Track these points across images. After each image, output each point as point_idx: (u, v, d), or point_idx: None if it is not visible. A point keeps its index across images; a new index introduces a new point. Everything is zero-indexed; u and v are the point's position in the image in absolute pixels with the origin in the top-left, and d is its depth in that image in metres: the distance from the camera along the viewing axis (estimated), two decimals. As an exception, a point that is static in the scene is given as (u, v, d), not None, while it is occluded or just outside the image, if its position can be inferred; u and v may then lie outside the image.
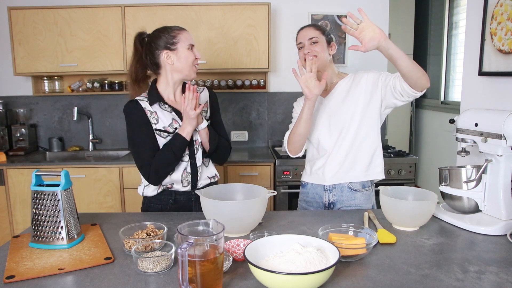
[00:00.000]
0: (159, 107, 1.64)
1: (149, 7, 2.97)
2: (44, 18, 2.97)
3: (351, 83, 1.70)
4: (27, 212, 2.87)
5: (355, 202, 1.69)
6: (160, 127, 1.62)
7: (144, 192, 1.69)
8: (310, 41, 1.68)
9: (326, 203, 1.72)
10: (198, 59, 1.65)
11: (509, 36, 1.65)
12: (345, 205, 1.69)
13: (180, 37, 1.61)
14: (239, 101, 3.40)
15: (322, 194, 1.72)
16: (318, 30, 1.70)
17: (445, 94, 4.09)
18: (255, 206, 1.30)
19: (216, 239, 0.95)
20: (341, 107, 1.68)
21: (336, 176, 1.69)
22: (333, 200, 1.70)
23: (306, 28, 1.73)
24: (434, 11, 4.25)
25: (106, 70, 3.04)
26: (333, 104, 1.71)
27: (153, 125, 1.62)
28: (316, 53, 1.66)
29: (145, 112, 1.62)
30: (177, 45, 1.60)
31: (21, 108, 3.31)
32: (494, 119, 1.35)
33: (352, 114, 1.66)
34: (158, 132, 1.62)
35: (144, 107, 1.62)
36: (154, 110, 1.63)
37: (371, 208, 1.71)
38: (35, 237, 1.24)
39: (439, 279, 1.02)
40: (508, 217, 1.35)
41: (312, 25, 1.74)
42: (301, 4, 3.31)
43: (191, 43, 1.63)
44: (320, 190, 1.73)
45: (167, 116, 1.64)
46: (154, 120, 1.63)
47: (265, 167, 2.88)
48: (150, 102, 1.63)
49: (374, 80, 1.65)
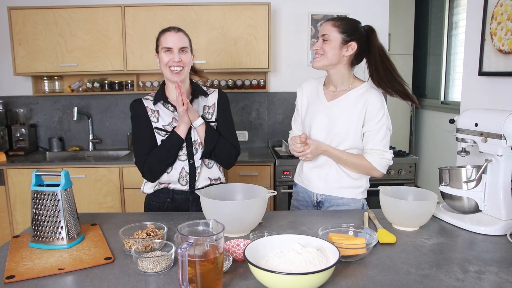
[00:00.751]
0: (162, 106, 1.69)
1: (149, 7, 2.97)
2: (44, 18, 2.97)
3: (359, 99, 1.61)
4: (27, 212, 2.87)
5: (343, 201, 1.68)
6: (160, 125, 1.66)
7: (144, 189, 1.74)
8: (322, 38, 1.60)
9: (314, 202, 1.72)
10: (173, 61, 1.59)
11: (509, 36, 1.65)
12: (333, 203, 1.69)
13: (161, 40, 1.63)
14: (239, 101, 3.40)
15: (311, 193, 1.73)
16: (334, 27, 1.59)
17: (445, 94, 4.09)
18: (255, 206, 1.30)
19: (216, 239, 0.95)
20: (342, 118, 1.62)
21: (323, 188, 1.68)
22: (321, 199, 1.70)
23: (327, 21, 1.62)
24: (434, 11, 4.25)
25: (106, 70, 3.04)
26: (335, 112, 1.63)
27: (154, 123, 1.66)
28: (322, 52, 1.59)
29: (146, 111, 1.67)
30: (159, 48, 1.63)
31: (21, 108, 3.31)
32: (494, 119, 1.35)
33: (347, 129, 1.61)
34: (157, 131, 1.66)
35: (146, 106, 1.68)
36: (157, 109, 1.68)
37: (361, 206, 1.71)
38: (35, 237, 1.24)
39: (439, 279, 1.02)
40: (508, 217, 1.35)
41: (333, 20, 1.62)
42: (301, 4, 3.31)
43: (168, 46, 1.59)
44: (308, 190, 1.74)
45: (168, 115, 1.68)
46: (155, 118, 1.67)
47: (265, 167, 2.88)
48: (154, 101, 1.68)
49: (370, 117, 1.59)
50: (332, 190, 1.67)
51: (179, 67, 1.60)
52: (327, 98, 1.68)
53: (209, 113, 1.73)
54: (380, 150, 1.59)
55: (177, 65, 1.60)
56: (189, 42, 1.66)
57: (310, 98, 1.74)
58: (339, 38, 1.58)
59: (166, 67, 1.61)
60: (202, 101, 1.74)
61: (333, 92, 1.68)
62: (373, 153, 1.60)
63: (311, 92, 1.75)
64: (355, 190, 1.68)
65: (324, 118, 1.65)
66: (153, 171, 1.64)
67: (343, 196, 1.67)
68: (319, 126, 1.66)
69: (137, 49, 3.01)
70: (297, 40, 3.36)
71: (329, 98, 1.68)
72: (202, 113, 1.72)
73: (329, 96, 1.68)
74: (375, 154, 1.59)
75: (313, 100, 1.72)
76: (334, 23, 1.60)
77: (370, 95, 1.59)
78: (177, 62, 1.60)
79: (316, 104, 1.70)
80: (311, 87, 1.76)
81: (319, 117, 1.67)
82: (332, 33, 1.58)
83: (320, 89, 1.72)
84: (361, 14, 3.18)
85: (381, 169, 1.60)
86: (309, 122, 1.69)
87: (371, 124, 1.59)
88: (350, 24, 1.60)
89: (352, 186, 1.67)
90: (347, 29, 1.58)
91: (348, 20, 1.62)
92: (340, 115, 1.62)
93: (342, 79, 1.65)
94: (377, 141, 1.60)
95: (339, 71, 1.63)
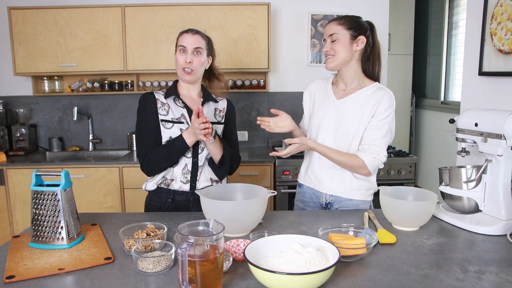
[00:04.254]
0: (173, 101, 1.71)
1: (149, 7, 2.97)
2: (44, 18, 2.97)
3: (371, 97, 1.61)
4: (27, 212, 2.87)
5: (353, 203, 1.68)
6: (169, 118, 1.68)
7: (146, 186, 1.74)
8: (330, 38, 1.61)
9: (323, 204, 1.71)
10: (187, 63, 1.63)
11: (509, 36, 1.65)
12: (343, 205, 1.68)
13: (178, 40, 1.67)
14: (239, 101, 3.40)
15: (319, 194, 1.71)
16: (340, 25, 1.60)
17: (445, 94, 4.09)
18: (255, 206, 1.30)
19: (216, 239, 0.95)
20: (351, 117, 1.61)
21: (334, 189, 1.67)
22: (331, 201, 1.69)
23: (330, 22, 1.63)
24: (434, 11, 4.25)
25: (106, 70, 3.04)
26: (345, 111, 1.63)
27: (162, 116, 1.68)
28: (333, 52, 1.60)
29: (156, 103, 1.69)
30: (176, 48, 1.67)
31: (21, 108, 3.31)
32: (494, 119, 1.35)
33: (357, 128, 1.60)
34: (164, 123, 1.67)
35: (157, 98, 1.71)
36: (167, 102, 1.70)
37: (369, 207, 1.71)
38: (35, 237, 1.24)
39: (439, 279, 1.02)
40: (508, 217, 1.35)
41: (336, 19, 1.63)
42: (301, 4, 3.31)
43: (181, 44, 1.64)
44: (317, 190, 1.72)
45: (178, 110, 1.70)
46: (164, 111, 1.68)
47: (265, 167, 2.88)
48: (166, 95, 1.70)
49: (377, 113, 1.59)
50: (343, 191, 1.66)
51: (189, 68, 1.64)
52: (336, 96, 1.68)
53: (220, 116, 1.78)
54: (377, 147, 1.58)
55: (188, 66, 1.63)
56: (206, 43, 1.69)
57: (318, 98, 1.73)
58: (347, 34, 1.60)
59: (179, 66, 1.65)
60: (213, 105, 1.77)
61: (343, 91, 1.68)
62: (369, 150, 1.57)
63: (320, 91, 1.74)
64: (365, 192, 1.68)
65: (333, 116, 1.65)
66: (151, 166, 1.66)
67: (354, 198, 1.67)
68: (328, 125, 1.65)
69: (137, 49, 3.01)
70: (297, 40, 3.36)
71: (339, 97, 1.67)
72: (213, 114, 1.75)
73: (338, 94, 1.68)
74: (370, 152, 1.57)
75: (322, 99, 1.72)
76: (339, 21, 1.61)
77: (383, 94, 1.60)
78: (188, 62, 1.63)
79: (325, 103, 1.69)
80: (319, 86, 1.76)
81: (328, 115, 1.66)
82: (340, 31, 1.59)
83: (328, 88, 1.72)
84: (361, 14, 3.14)
85: (371, 169, 1.58)
86: (317, 121, 1.68)
87: (375, 119, 1.59)
88: (354, 20, 1.62)
89: (363, 188, 1.67)
90: (352, 25, 1.60)
91: (350, 16, 1.64)
92: (350, 114, 1.62)
93: (353, 76, 1.65)
94: (377, 138, 1.58)
95: (351, 67, 1.64)
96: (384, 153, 1.59)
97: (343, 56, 1.60)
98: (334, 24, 1.61)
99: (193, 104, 1.72)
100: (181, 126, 1.66)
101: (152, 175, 1.71)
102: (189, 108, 1.70)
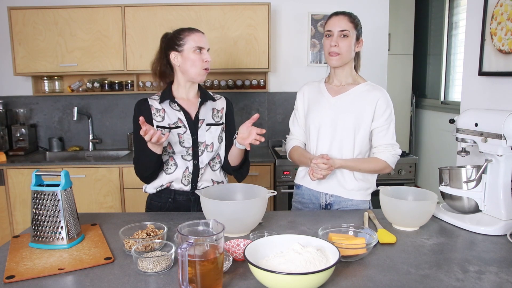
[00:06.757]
0: (168, 105, 1.68)
1: (149, 7, 2.97)
2: (44, 18, 2.97)
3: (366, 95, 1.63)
4: (27, 212, 2.87)
5: (353, 203, 1.68)
6: (165, 124, 1.65)
7: (146, 189, 1.73)
8: (340, 33, 1.57)
9: (323, 204, 1.71)
10: (207, 62, 1.63)
11: (509, 36, 1.65)
12: (343, 206, 1.68)
13: (188, 39, 1.61)
14: (239, 101, 3.40)
15: (319, 195, 1.71)
16: (352, 23, 1.58)
17: (445, 94, 4.09)
18: (255, 206, 1.30)
19: (216, 239, 0.95)
20: (349, 111, 1.62)
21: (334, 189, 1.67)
22: (331, 201, 1.69)
23: (340, 16, 1.58)
24: (434, 11, 4.25)
25: (106, 70, 3.04)
26: (342, 106, 1.64)
27: (157, 123, 1.65)
28: (340, 51, 1.58)
29: (150, 110, 1.66)
30: (184, 47, 1.61)
31: (21, 108, 3.31)
32: (494, 119, 1.35)
33: (355, 121, 1.61)
34: (160, 129, 1.64)
35: (151, 105, 1.67)
36: (162, 108, 1.67)
37: (368, 206, 1.71)
38: (35, 237, 1.24)
39: (439, 279, 1.02)
40: (508, 217, 1.35)
41: (348, 14, 1.59)
42: (301, 4, 3.31)
43: (199, 45, 1.61)
44: (316, 191, 1.71)
45: (175, 114, 1.67)
46: (160, 117, 1.66)
47: (265, 167, 2.88)
48: (160, 100, 1.68)
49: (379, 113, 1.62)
50: (344, 192, 1.67)
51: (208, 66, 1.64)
52: (331, 94, 1.69)
53: (218, 116, 1.75)
54: (392, 145, 1.63)
55: (208, 65, 1.63)
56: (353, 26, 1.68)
57: (312, 98, 1.74)
58: (355, 34, 1.61)
59: (199, 68, 1.61)
60: (211, 105, 1.75)
61: (337, 87, 1.69)
62: (385, 149, 1.62)
63: (313, 92, 1.75)
64: (365, 191, 1.69)
65: (331, 113, 1.66)
66: (142, 173, 1.65)
67: (354, 198, 1.67)
68: (327, 122, 1.65)
69: (137, 49, 3.01)
70: (297, 40, 3.36)
71: (334, 94, 1.69)
72: (211, 115, 1.72)
73: (333, 91, 1.69)
74: (387, 150, 1.62)
75: (316, 99, 1.72)
76: (350, 18, 1.60)
77: (378, 92, 1.64)
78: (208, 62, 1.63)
79: (320, 102, 1.70)
80: (312, 87, 1.76)
81: (325, 113, 1.67)
82: (351, 29, 1.59)
83: (322, 87, 1.73)
84: (361, 14, 3.14)
85: (393, 166, 1.65)
86: (316, 120, 1.68)
87: (381, 120, 1.62)
88: (359, 21, 1.64)
89: (363, 188, 1.68)
90: (359, 26, 1.62)
91: (356, 16, 1.65)
92: (347, 108, 1.63)
93: (349, 73, 1.68)
94: (389, 137, 1.64)
95: (349, 66, 1.67)
96: (397, 146, 1.66)
97: (349, 55, 1.62)
98: (347, 20, 1.59)
99: (190, 106, 1.69)
100: (178, 130, 1.64)
101: (148, 182, 1.69)
102: (186, 111, 1.67)
